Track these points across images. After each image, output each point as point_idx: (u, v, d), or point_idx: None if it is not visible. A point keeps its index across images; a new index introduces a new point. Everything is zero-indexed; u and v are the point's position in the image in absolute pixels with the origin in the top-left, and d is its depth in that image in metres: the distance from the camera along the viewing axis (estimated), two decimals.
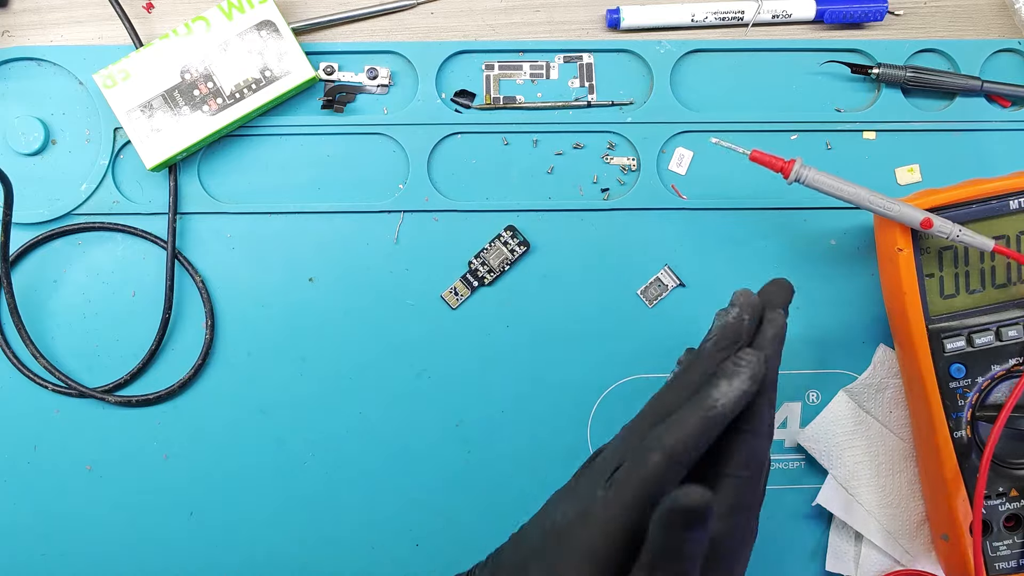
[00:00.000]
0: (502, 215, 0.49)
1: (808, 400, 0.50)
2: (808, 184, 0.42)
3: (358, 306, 0.49)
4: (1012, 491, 0.46)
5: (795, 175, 0.42)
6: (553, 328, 0.50)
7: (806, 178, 0.42)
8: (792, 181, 0.42)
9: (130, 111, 0.46)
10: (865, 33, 0.50)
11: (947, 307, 0.45)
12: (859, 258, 0.50)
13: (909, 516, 0.50)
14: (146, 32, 0.49)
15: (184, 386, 0.49)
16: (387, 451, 0.49)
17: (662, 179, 0.50)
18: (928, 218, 0.42)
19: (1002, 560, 0.46)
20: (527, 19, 0.50)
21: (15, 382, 0.49)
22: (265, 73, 0.46)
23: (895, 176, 0.50)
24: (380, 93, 0.49)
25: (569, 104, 0.49)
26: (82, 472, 0.49)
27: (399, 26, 0.49)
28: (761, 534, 0.51)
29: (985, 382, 0.45)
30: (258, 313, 0.49)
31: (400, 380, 0.49)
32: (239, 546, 0.49)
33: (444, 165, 0.49)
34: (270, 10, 0.46)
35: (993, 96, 0.50)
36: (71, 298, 0.49)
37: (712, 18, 0.49)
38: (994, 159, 0.50)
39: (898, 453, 0.49)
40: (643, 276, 0.50)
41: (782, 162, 0.42)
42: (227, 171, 0.49)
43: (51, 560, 0.49)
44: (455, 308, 0.49)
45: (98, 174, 0.48)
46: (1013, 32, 0.51)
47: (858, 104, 0.50)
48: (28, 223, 0.48)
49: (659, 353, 0.50)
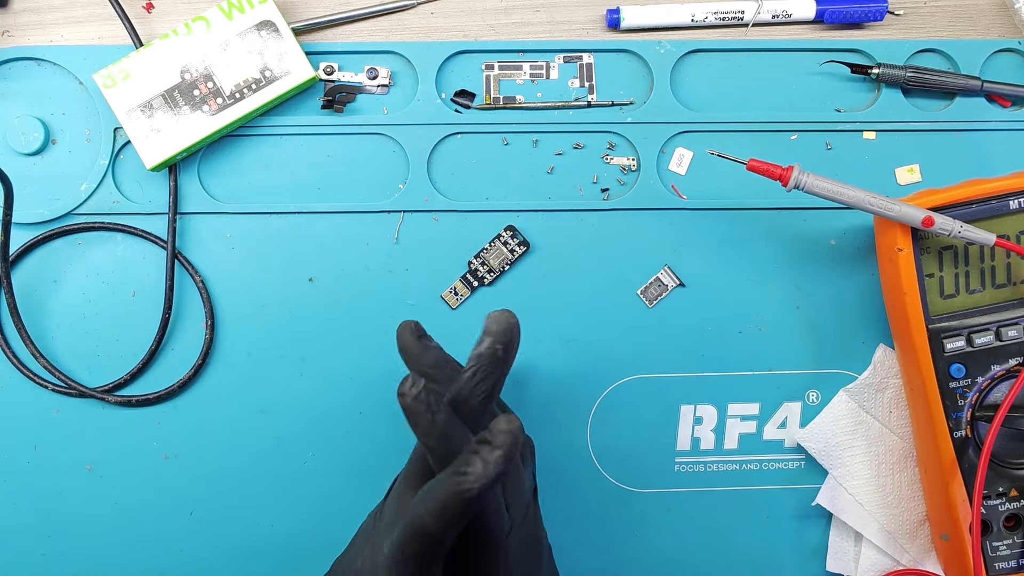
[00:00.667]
0: (502, 215, 0.49)
1: (808, 400, 0.50)
2: (807, 190, 0.42)
3: (358, 306, 0.49)
4: (1012, 491, 0.46)
5: (794, 182, 0.42)
6: (553, 328, 0.50)
7: (805, 184, 0.42)
8: (791, 188, 0.42)
9: (130, 111, 0.46)
10: (865, 33, 0.50)
11: (947, 307, 0.45)
12: (859, 258, 0.50)
13: (909, 516, 0.50)
14: (146, 32, 0.49)
15: (184, 386, 0.49)
16: (387, 451, 0.49)
17: (662, 179, 0.50)
18: (929, 216, 0.42)
19: (1002, 560, 0.46)
20: (527, 19, 0.50)
21: (15, 382, 0.49)
22: (265, 73, 0.46)
23: (895, 176, 0.50)
24: (380, 93, 0.49)
25: (569, 104, 0.49)
26: (82, 472, 0.49)
27: (399, 26, 0.49)
28: (761, 534, 0.51)
29: (985, 382, 0.45)
30: (258, 313, 0.49)
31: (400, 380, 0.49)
32: (239, 546, 0.49)
33: (444, 165, 0.49)
34: (270, 10, 0.46)
35: (993, 96, 0.50)
36: (71, 298, 0.49)
37: (712, 18, 0.49)
38: (994, 159, 0.50)
39: (898, 453, 0.50)
40: (643, 276, 0.50)
41: (780, 170, 0.42)
42: (227, 171, 0.49)
43: (51, 560, 0.49)
44: (455, 308, 0.49)
45: (98, 174, 0.48)
46: (1013, 32, 0.51)
47: (858, 104, 0.50)
48: (28, 223, 0.48)
49: (659, 353, 0.50)
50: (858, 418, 0.49)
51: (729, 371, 0.50)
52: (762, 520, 0.51)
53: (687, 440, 0.50)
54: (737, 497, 0.50)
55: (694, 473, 0.50)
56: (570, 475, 0.50)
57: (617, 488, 0.50)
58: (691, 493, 0.50)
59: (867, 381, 0.49)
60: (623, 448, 0.50)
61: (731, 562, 0.51)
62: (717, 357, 0.50)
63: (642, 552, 0.50)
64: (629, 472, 0.50)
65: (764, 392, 0.50)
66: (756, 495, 0.51)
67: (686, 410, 0.50)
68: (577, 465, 0.50)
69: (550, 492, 0.50)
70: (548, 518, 0.49)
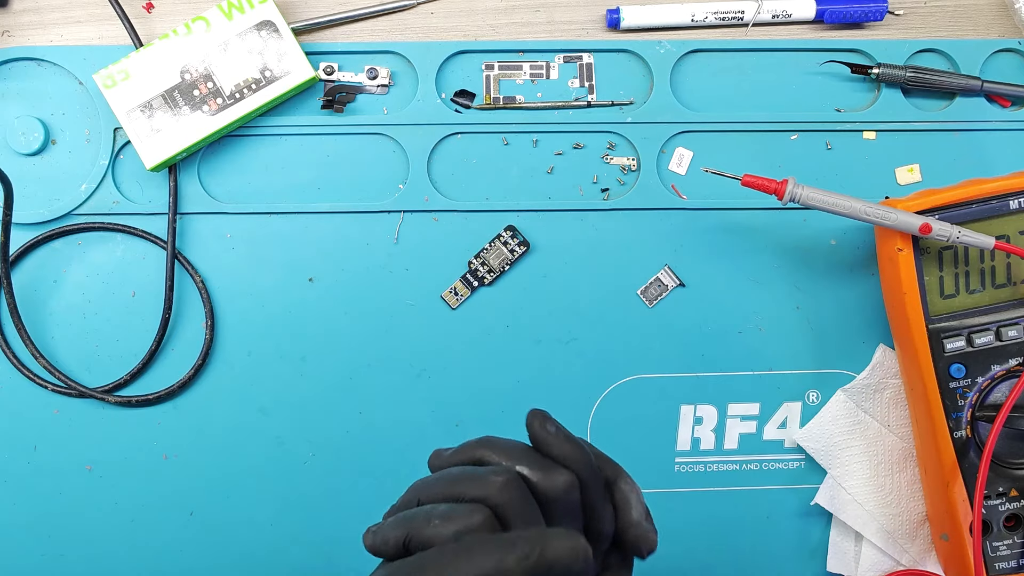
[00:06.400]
0: (502, 215, 0.49)
1: (808, 400, 0.50)
2: (803, 203, 0.42)
3: (358, 306, 0.49)
4: (1012, 491, 0.46)
5: (789, 195, 0.42)
6: (553, 328, 0.50)
7: (800, 197, 0.42)
8: (786, 202, 0.42)
9: (130, 111, 0.46)
10: (865, 33, 0.50)
11: (947, 307, 0.45)
12: (859, 258, 0.50)
13: (909, 516, 0.50)
14: (146, 32, 0.49)
15: (184, 386, 0.49)
16: (387, 451, 0.49)
17: (662, 179, 0.50)
18: (927, 223, 0.42)
19: (1002, 560, 0.46)
20: (527, 19, 0.50)
21: (15, 382, 0.49)
22: (265, 73, 0.46)
23: (895, 176, 0.50)
24: (380, 93, 0.49)
25: (569, 104, 0.49)
26: (82, 472, 0.49)
27: (399, 26, 0.49)
28: (761, 534, 0.51)
29: (985, 382, 0.45)
30: (258, 313, 0.49)
31: (400, 380, 0.49)
32: (239, 546, 0.49)
33: (444, 165, 0.49)
34: (270, 10, 0.46)
35: (993, 96, 0.50)
36: (71, 298, 0.49)
37: (712, 18, 0.49)
38: (994, 159, 0.50)
39: (897, 453, 0.49)
40: (643, 276, 0.50)
41: (775, 184, 0.42)
42: (227, 171, 0.49)
43: (51, 560, 0.49)
44: (455, 308, 0.49)
45: (98, 174, 0.48)
46: (1013, 32, 0.51)
47: (858, 104, 0.50)
48: (28, 223, 0.48)
49: (659, 353, 0.50)
50: (856, 418, 0.49)
51: (729, 371, 0.50)
52: (762, 520, 0.51)
53: (687, 440, 0.50)
54: (737, 497, 0.50)
55: (694, 473, 0.50)
56: None
57: None
58: (691, 493, 0.50)
59: (865, 381, 0.49)
60: (623, 448, 0.50)
61: (731, 562, 0.51)
62: (717, 357, 0.50)
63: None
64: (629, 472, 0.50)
65: (764, 392, 0.50)
66: (756, 495, 0.50)
67: (686, 410, 0.50)
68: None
69: None
70: None
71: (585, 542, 0.27)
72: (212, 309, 0.49)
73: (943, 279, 0.45)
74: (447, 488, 0.29)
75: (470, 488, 0.29)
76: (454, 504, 0.29)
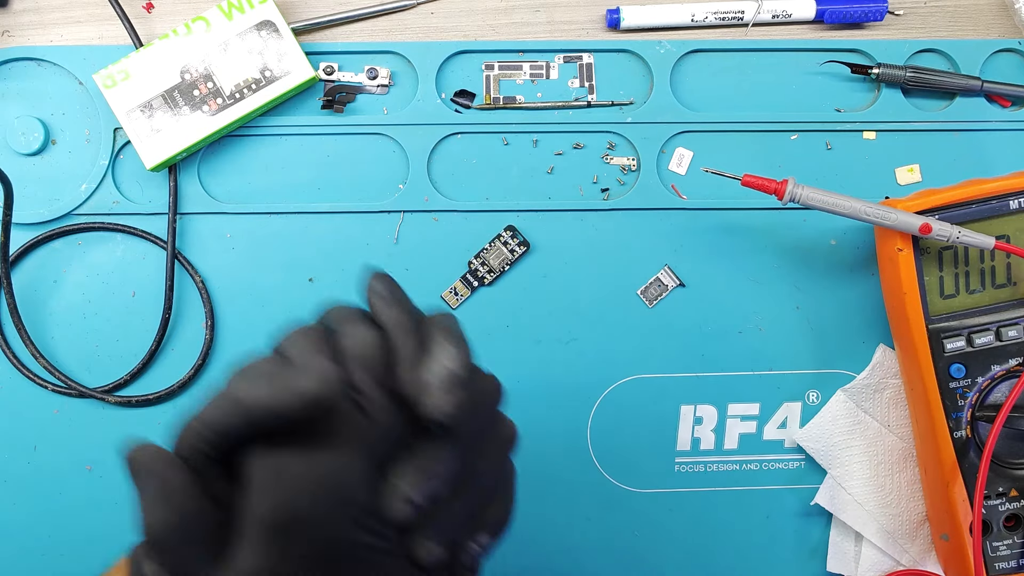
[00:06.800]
0: (502, 215, 0.49)
1: (808, 400, 0.50)
2: (803, 203, 0.42)
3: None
4: (1012, 491, 0.46)
5: (789, 195, 0.42)
6: (553, 328, 0.50)
7: (800, 197, 0.42)
8: (786, 202, 0.42)
9: (130, 111, 0.46)
10: (865, 33, 0.50)
11: (947, 307, 0.45)
12: (859, 258, 0.50)
13: (909, 516, 0.50)
14: (146, 32, 0.49)
15: (184, 386, 0.49)
16: None
17: (662, 179, 0.50)
18: (927, 223, 0.42)
19: (1002, 560, 0.46)
20: (527, 19, 0.50)
21: (15, 382, 0.49)
22: (265, 73, 0.46)
23: (895, 176, 0.50)
24: (380, 93, 0.49)
25: (569, 104, 0.49)
26: (82, 472, 0.49)
27: (399, 26, 0.49)
28: (761, 534, 0.51)
29: (985, 382, 0.45)
30: (258, 313, 0.49)
31: None
32: None
33: (444, 165, 0.49)
34: (270, 10, 0.46)
35: (993, 96, 0.50)
36: (71, 298, 0.49)
37: (712, 18, 0.49)
38: (994, 159, 0.50)
39: (897, 453, 0.50)
40: (643, 276, 0.50)
41: (775, 184, 0.42)
42: (227, 171, 0.49)
43: (51, 560, 0.49)
44: (455, 308, 0.49)
45: (98, 174, 0.48)
46: (1013, 32, 0.51)
47: (858, 104, 0.50)
48: (28, 223, 0.48)
49: (659, 353, 0.50)
50: (856, 418, 0.49)
51: (729, 371, 0.50)
52: (762, 520, 0.51)
53: (687, 440, 0.50)
54: (737, 497, 0.50)
55: (694, 473, 0.50)
56: (570, 475, 0.50)
57: (617, 488, 0.50)
58: (691, 493, 0.50)
59: (865, 381, 0.49)
60: (623, 448, 0.50)
61: (731, 562, 0.51)
62: (717, 357, 0.50)
63: (642, 552, 0.50)
64: (629, 472, 0.50)
65: (764, 392, 0.50)
66: (756, 495, 0.51)
67: (686, 410, 0.50)
68: (577, 465, 0.50)
69: (550, 492, 0.50)
70: (549, 518, 0.49)
71: (323, 369, 0.28)
72: (212, 309, 0.49)
73: (943, 279, 0.45)
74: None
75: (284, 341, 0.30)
76: None
